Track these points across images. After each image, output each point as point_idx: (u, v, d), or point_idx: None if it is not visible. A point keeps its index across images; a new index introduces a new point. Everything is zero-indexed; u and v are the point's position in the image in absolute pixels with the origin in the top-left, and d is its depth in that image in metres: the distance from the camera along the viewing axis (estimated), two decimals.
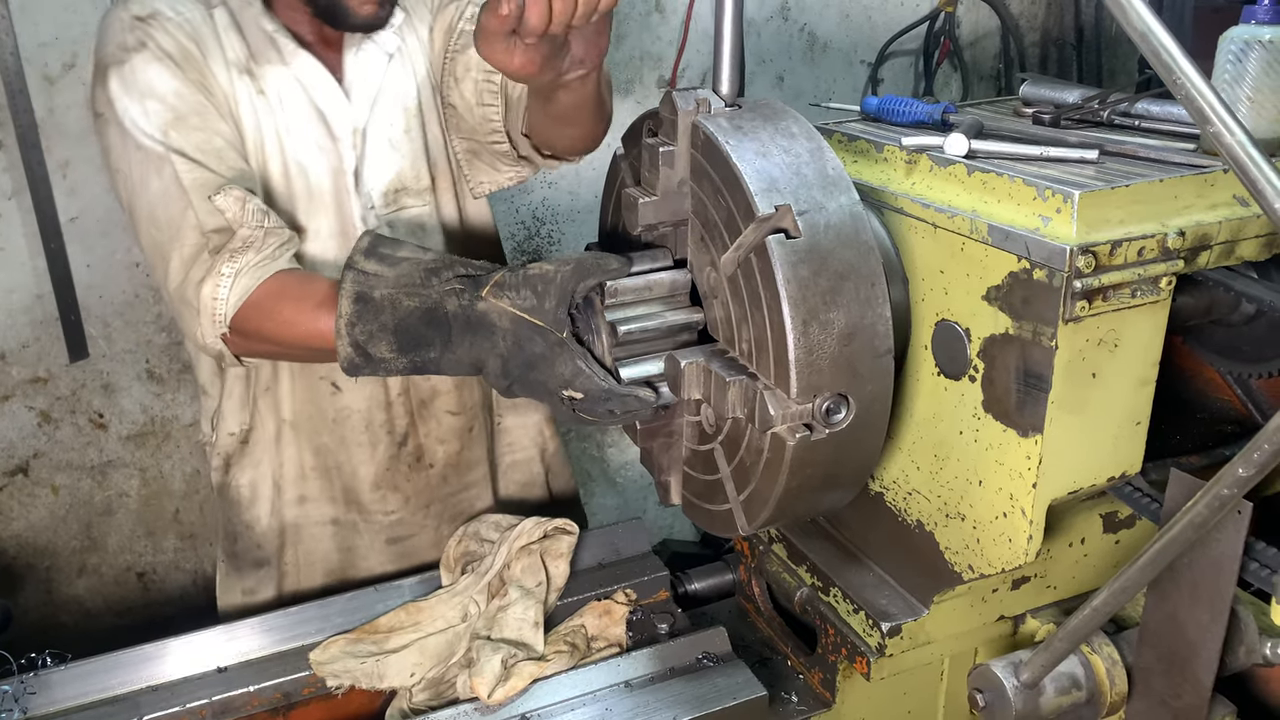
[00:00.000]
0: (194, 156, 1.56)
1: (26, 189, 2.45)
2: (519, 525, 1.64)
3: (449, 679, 1.48)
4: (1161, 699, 1.21)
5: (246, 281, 1.51)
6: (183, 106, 1.58)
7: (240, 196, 1.54)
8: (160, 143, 1.55)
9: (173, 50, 1.60)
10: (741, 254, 1.12)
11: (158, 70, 1.58)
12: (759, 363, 1.13)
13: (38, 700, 1.43)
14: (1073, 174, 1.16)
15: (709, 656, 1.48)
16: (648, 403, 1.24)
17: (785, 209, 1.08)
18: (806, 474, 1.14)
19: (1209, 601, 1.13)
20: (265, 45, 1.68)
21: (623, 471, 3.42)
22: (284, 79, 1.70)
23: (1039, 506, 1.16)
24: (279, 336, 1.52)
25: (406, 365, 1.35)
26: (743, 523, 1.22)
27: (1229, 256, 1.15)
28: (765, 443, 1.13)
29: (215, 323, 1.53)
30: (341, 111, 1.73)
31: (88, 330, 2.64)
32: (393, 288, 1.33)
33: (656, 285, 1.28)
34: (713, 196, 1.18)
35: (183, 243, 1.54)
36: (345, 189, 1.75)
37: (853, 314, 1.10)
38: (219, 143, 1.60)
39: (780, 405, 1.09)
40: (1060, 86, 1.51)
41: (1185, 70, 0.83)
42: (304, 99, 1.71)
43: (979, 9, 3.44)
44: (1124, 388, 1.15)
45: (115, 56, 1.58)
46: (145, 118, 1.56)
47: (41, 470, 2.73)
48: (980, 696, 1.26)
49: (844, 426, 1.11)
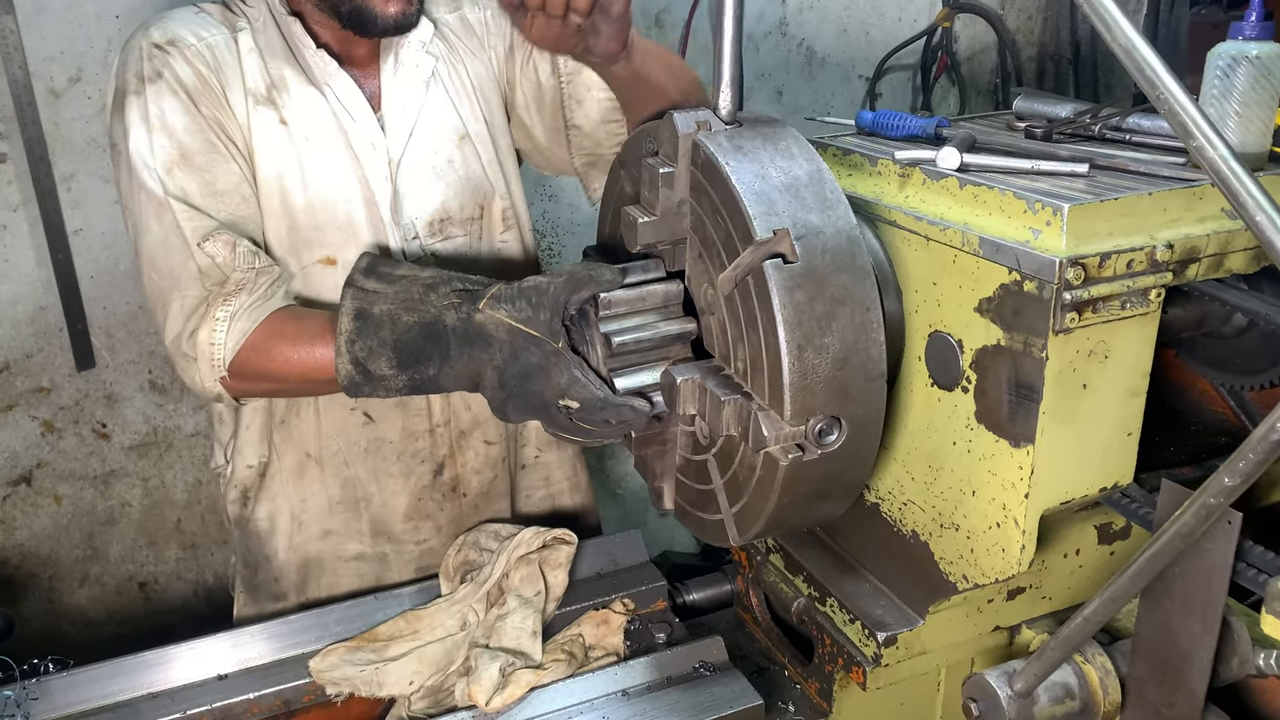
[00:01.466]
0: (194, 202, 1.55)
1: (34, 200, 2.47)
2: (518, 535, 1.65)
3: (447, 687, 1.49)
4: (1155, 709, 1.22)
5: (243, 325, 1.52)
6: (191, 144, 1.57)
7: (229, 240, 1.53)
8: (162, 185, 1.54)
9: (189, 82, 1.58)
10: (739, 275, 1.14)
11: (171, 104, 1.57)
12: (754, 383, 1.15)
13: (40, 706, 1.44)
14: (1063, 187, 1.17)
15: (706, 666, 1.49)
16: (643, 413, 1.25)
17: (783, 234, 1.09)
18: (798, 491, 1.15)
19: (1201, 611, 1.14)
20: (295, 71, 1.65)
21: (623, 483, 3.43)
22: (311, 107, 1.66)
23: (1032, 516, 1.18)
24: (278, 374, 1.52)
25: (405, 383, 1.36)
26: (734, 534, 1.24)
27: (1218, 269, 1.16)
28: (758, 461, 1.15)
29: (214, 368, 1.53)
30: (375, 141, 1.70)
31: (92, 341, 2.66)
32: (392, 304, 1.35)
33: (650, 296, 1.29)
34: (711, 216, 1.19)
35: (184, 293, 1.54)
36: (380, 220, 1.72)
37: (847, 339, 1.11)
38: (223, 184, 1.59)
39: (774, 427, 1.10)
40: (1053, 101, 1.53)
41: (1168, 86, 0.85)
42: (333, 128, 1.68)
43: (976, 24, 3.47)
44: (1115, 398, 1.16)
45: (132, 86, 1.58)
46: (152, 154, 1.55)
47: (44, 480, 2.75)
48: (975, 706, 1.27)
49: (835, 448, 1.12)
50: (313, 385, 1.53)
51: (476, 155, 1.81)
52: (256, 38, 1.65)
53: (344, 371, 1.37)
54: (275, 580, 1.91)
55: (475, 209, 1.82)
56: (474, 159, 1.80)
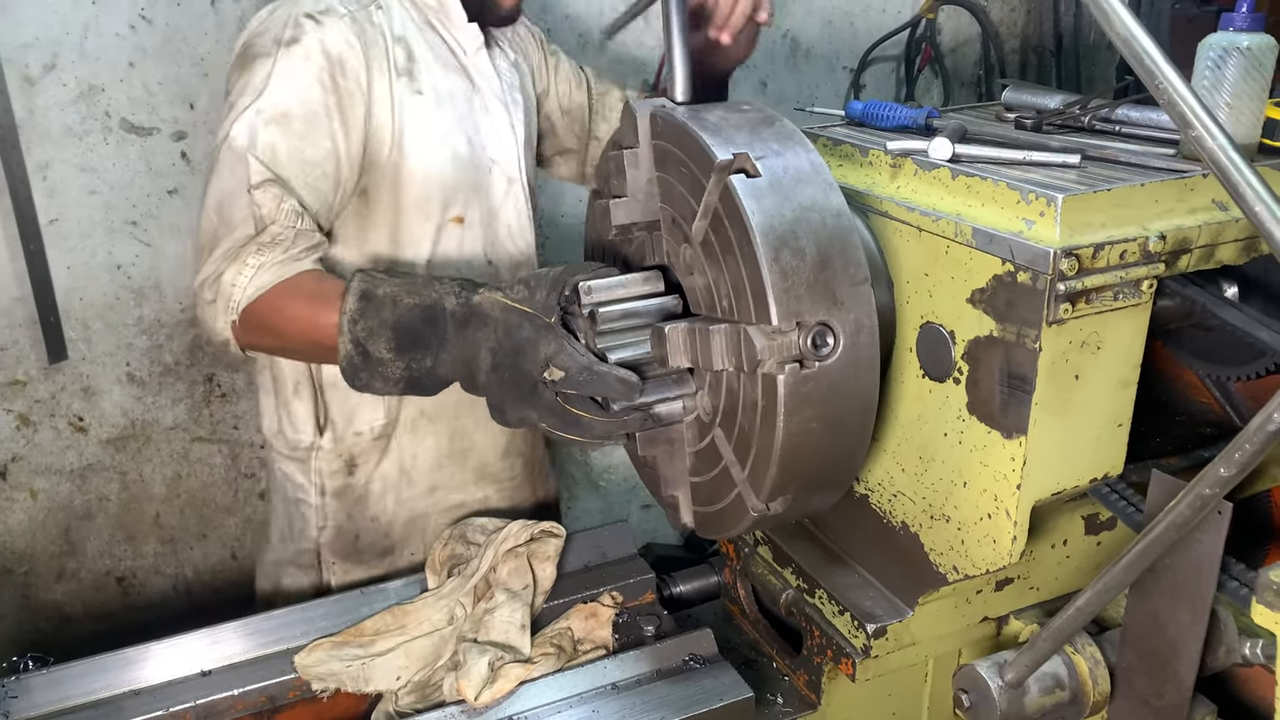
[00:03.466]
0: (278, 160, 1.59)
1: (6, 191, 2.42)
2: (505, 528, 1.64)
3: (435, 682, 1.47)
4: (1144, 698, 1.22)
5: (267, 276, 1.55)
6: (297, 109, 1.61)
7: (278, 195, 1.57)
8: (250, 139, 1.58)
9: (333, 50, 1.63)
10: (709, 211, 1.15)
11: (299, 68, 1.61)
12: (739, 310, 1.15)
13: (19, 704, 1.42)
14: (1056, 178, 1.17)
15: (695, 658, 1.48)
16: (632, 385, 1.24)
17: (743, 155, 1.13)
18: (803, 418, 1.13)
19: (1190, 602, 1.14)
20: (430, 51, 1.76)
21: (606, 475, 3.41)
22: (446, 77, 1.78)
23: (1023, 507, 1.18)
24: (284, 330, 1.55)
25: (402, 372, 1.40)
26: (753, 501, 1.20)
27: (1209, 260, 1.17)
28: (758, 392, 1.13)
29: (228, 309, 1.56)
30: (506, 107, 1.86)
31: (67, 333, 2.61)
32: (396, 288, 1.40)
33: (630, 280, 1.32)
34: (676, 171, 1.21)
35: (234, 237, 1.58)
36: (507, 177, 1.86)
37: (823, 240, 1.12)
38: (310, 154, 1.62)
39: (765, 337, 1.09)
40: (1041, 92, 1.53)
41: (1167, 75, 0.85)
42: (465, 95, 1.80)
43: (960, 16, 3.47)
44: (1106, 389, 1.16)
45: (267, 49, 1.62)
46: (257, 113, 1.59)
47: (20, 474, 2.70)
48: (965, 697, 1.27)
49: (834, 359, 1.11)
50: (315, 349, 1.54)
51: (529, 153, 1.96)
52: (391, 18, 1.73)
53: (344, 351, 1.41)
54: (385, 536, 1.94)
55: None
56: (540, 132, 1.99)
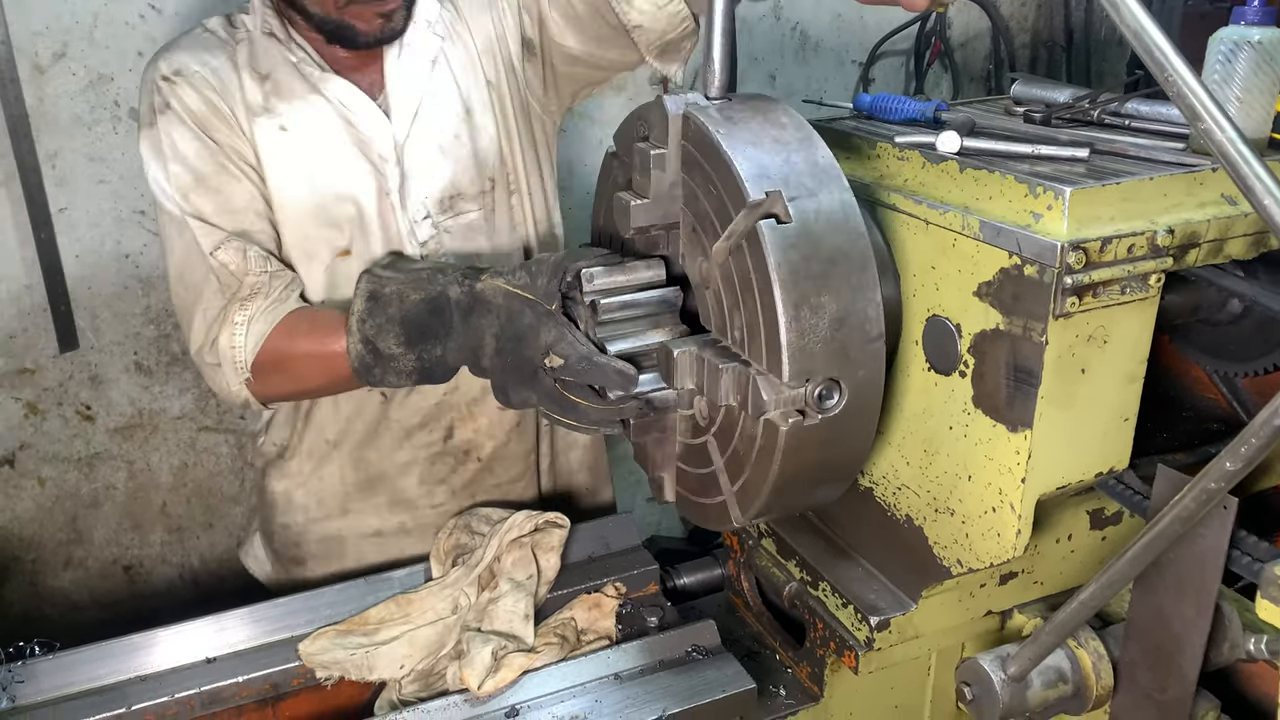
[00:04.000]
0: (211, 220, 1.63)
1: (16, 178, 2.43)
2: (510, 518, 1.64)
3: (439, 671, 1.48)
4: (1147, 693, 1.22)
5: (261, 326, 1.59)
6: (203, 169, 1.64)
7: (239, 247, 1.61)
8: (179, 207, 1.63)
9: (196, 109, 1.64)
10: (733, 241, 1.13)
11: (181, 133, 1.64)
12: (751, 350, 1.14)
13: (26, 689, 1.43)
14: (1064, 171, 1.17)
15: (698, 649, 1.48)
16: (629, 377, 1.25)
17: (776, 195, 1.09)
18: (800, 460, 1.14)
19: (1194, 596, 1.14)
20: (291, 77, 1.68)
21: (612, 468, 3.42)
22: (312, 110, 1.69)
23: (1028, 501, 1.17)
24: (297, 371, 1.59)
25: (414, 364, 1.42)
26: (736, 514, 1.22)
27: (1217, 254, 1.16)
28: (758, 430, 1.14)
29: (238, 370, 1.60)
30: (380, 131, 1.71)
31: (76, 322, 2.62)
32: (401, 284, 1.42)
33: (633, 269, 1.32)
34: (704, 186, 1.19)
35: (206, 304, 1.63)
36: (391, 206, 1.74)
37: (844, 299, 1.11)
38: (237, 202, 1.66)
39: (773, 390, 1.09)
40: (1051, 86, 1.53)
41: (1177, 68, 0.84)
42: (337, 125, 1.70)
43: (970, 10, 3.46)
44: (1112, 383, 1.16)
45: (146, 118, 1.66)
46: (168, 181, 1.64)
47: (28, 462, 2.72)
48: (968, 690, 1.27)
49: (836, 412, 1.11)
50: (331, 381, 1.58)
51: (483, 127, 1.80)
52: (253, 49, 1.69)
53: (354, 352, 1.44)
54: (296, 545, 1.96)
55: (486, 182, 1.82)
56: (482, 131, 1.80)
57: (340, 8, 1.59)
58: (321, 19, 1.62)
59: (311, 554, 1.95)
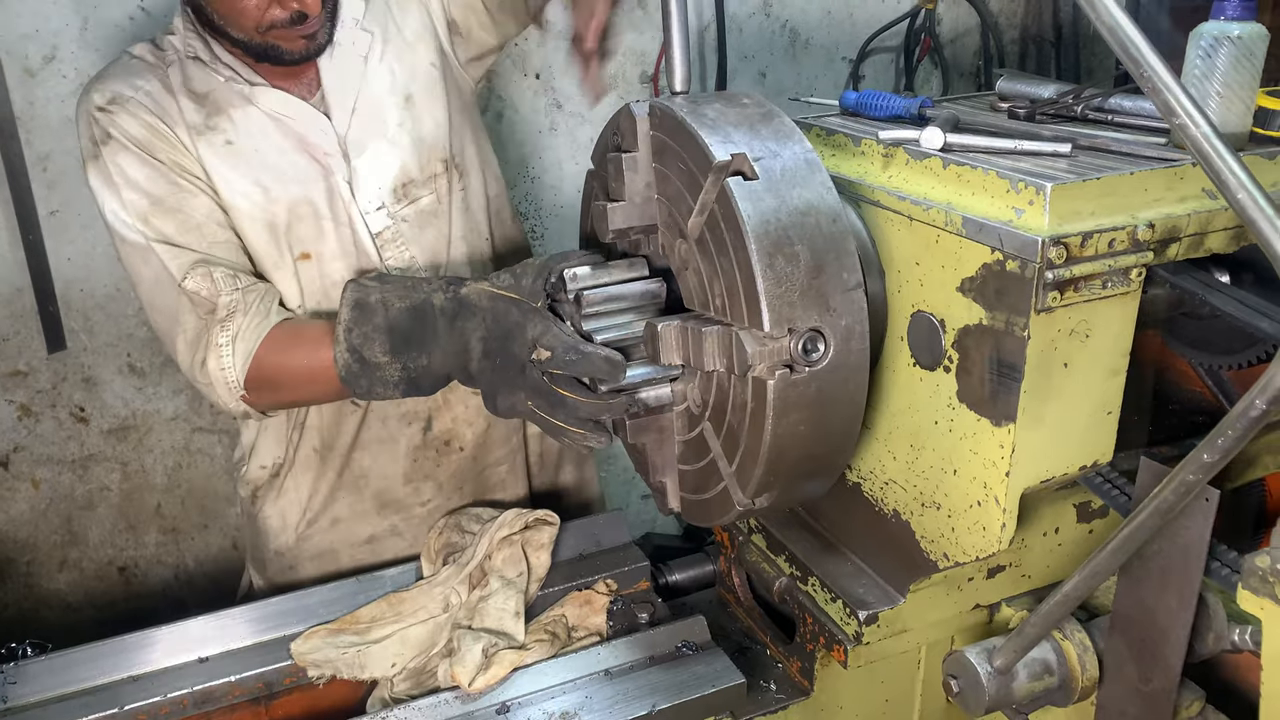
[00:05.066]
0: (175, 241, 1.62)
1: (4, 182, 2.43)
2: (500, 516, 1.65)
3: (430, 669, 1.49)
4: (1132, 684, 1.23)
5: (246, 344, 1.59)
6: (157, 191, 1.63)
7: (205, 271, 1.61)
8: (141, 233, 1.62)
9: (138, 134, 1.63)
10: (705, 209, 1.15)
11: (126, 159, 1.62)
12: (733, 310, 1.16)
13: (18, 690, 1.43)
14: (1046, 167, 1.17)
15: (688, 645, 1.49)
16: (617, 363, 1.26)
17: (741, 155, 1.13)
18: (792, 419, 1.14)
19: (1178, 588, 1.15)
20: (227, 92, 1.68)
21: (605, 467, 3.42)
22: (251, 122, 1.69)
23: (1012, 495, 1.18)
24: (289, 382, 1.60)
25: (400, 374, 1.42)
26: (738, 495, 1.22)
27: (1198, 249, 1.17)
28: (748, 394, 1.15)
29: (231, 390, 1.61)
30: (322, 129, 1.73)
31: (68, 324, 2.62)
32: (387, 293, 1.43)
33: (615, 267, 1.34)
34: (674, 166, 1.22)
35: (184, 326, 1.63)
36: (343, 202, 1.75)
37: (817, 246, 1.12)
38: (198, 217, 1.65)
39: (756, 342, 1.10)
40: (1036, 82, 1.53)
41: (1152, 64, 0.85)
42: (279, 132, 1.70)
43: (959, 6, 3.46)
44: (1095, 377, 1.17)
45: (89, 151, 1.65)
46: (124, 209, 1.62)
47: (22, 464, 2.72)
48: (954, 682, 1.28)
49: (824, 365, 1.12)
50: (324, 391, 1.59)
51: (427, 112, 1.82)
52: (184, 70, 1.69)
53: (341, 361, 1.44)
54: (290, 569, 1.96)
55: (437, 164, 1.83)
56: (424, 116, 1.81)
57: (261, 33, 1.60)
58: (245, 43, 1.63)
59: (307, 572, 1.96)
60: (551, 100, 2.99)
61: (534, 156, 3.03)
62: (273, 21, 1.58)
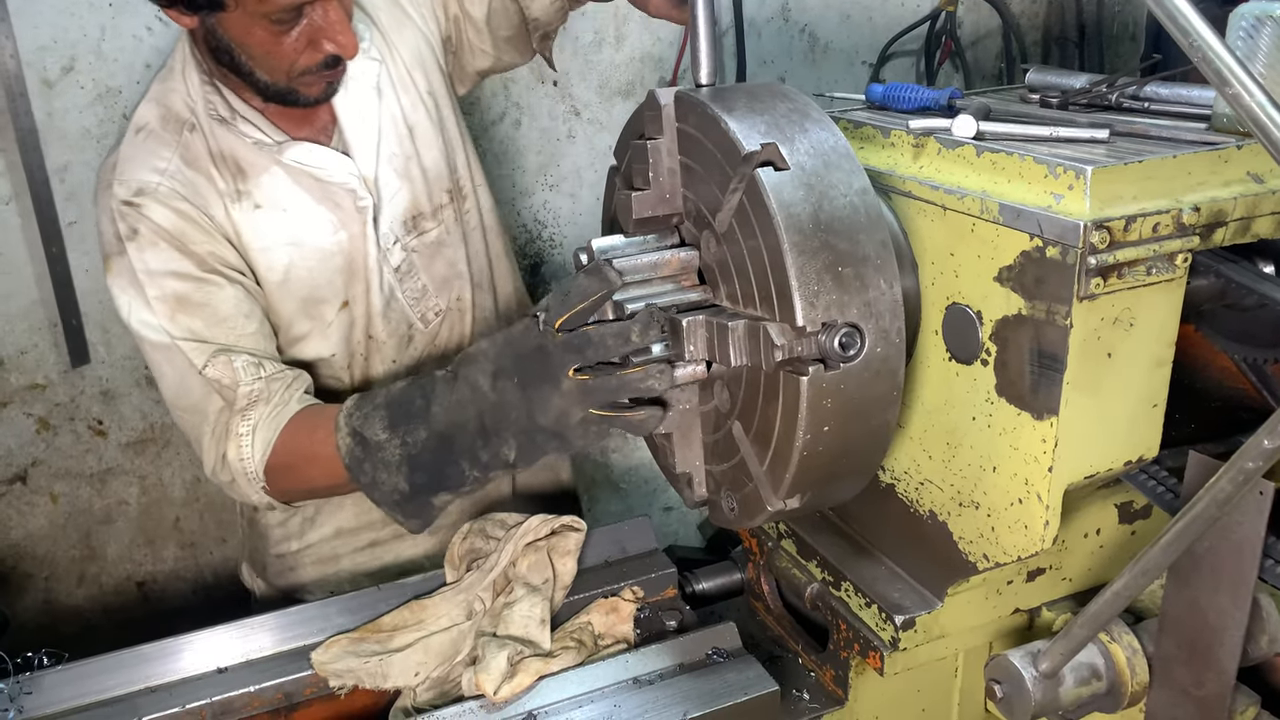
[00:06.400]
0: (202, 336, 1.58)
1: (27, 193, 2.43)
2: (525, 523, 1.62)
3: (454, 677, 1.45)
4: (1183, 688, 1.18)
5: (265, 434, 1.56)
6: (183, 287, 1.58)
7: (226, 360, 1.56)
8: (167, 333, 1.57)
9: (169, 224, 1.58)
10: (734, 201, 1.12)
11: (154, 255, 1.57)
12: (763, 306, 1.12)
13: (34, 701, 1.41)
14: (1084, 152, 1.14)
15: (719, 652, 1.45)
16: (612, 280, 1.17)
17: (771, 145, 1.10)
18: (826, 417, 1.09)
19: (1231, 587, 1.11)
20: (251, 153, 1.64)
21: (627, 477, 3.39)
22: (276, 181, 1.66)
23: (1055, 491, 1.14)
24: (305, 475, 1.55)
25: (400, 452, 1.35)
26: (769, 497, 1.17)
27: (1245, 234, 1.13)
28: (781, 390, 1.10)
29: (250, 481, 1.57)
30: (348, 171, 1.70)
31: (87, 336, 2.62)
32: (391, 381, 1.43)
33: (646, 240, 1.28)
34: (701, 156, 1.18)
35: (212, 424, 1.60)
36: (367, 241, 1.73)
37: (852, 238, 1.09)
38: (225, 310, 1.61)
39: (783, 335, 1.07)
40: (1065, 74, 1.50)
41: (1202, 33, 0.82)
42: (306, 185, 1.68)
43: (980, 8, 3.44)
44: (1140, 368, 1.13)
45: (113, 247, 1.60)
46: (149, 309, 1.57)
47: (40, 478, 2.71)
48: (998, 687, 1.24)
49: (859, 361, 1.08)
50: (336, 483, 1.50)
51: (428, 143, 1.80)
52: (206, 135, 1.64)
53: (344, 446, 1.40)
54: (291, 570, 1.94)
55: (443, 195, 1.82)
56: (428, 147, 1.80)
57: (291, 78, 1.57)
58: (267, 85, 1.58)
59: (307, 575, 1.95)
60: (569, 107, 2.98)
61: (552, 164, 3.02)
62: (307, 67, 1.55)
